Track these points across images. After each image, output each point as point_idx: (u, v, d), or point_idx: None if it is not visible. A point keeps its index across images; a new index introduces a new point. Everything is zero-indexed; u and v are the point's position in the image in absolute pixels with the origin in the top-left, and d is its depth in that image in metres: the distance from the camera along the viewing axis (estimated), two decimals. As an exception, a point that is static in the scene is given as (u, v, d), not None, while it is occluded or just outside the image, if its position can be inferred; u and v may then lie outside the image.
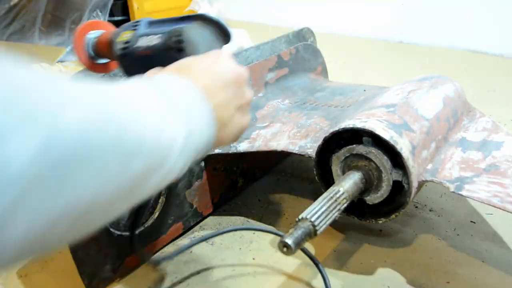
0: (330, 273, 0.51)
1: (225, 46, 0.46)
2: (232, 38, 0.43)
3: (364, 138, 0.50)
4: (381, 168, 0.50)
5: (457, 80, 0.68)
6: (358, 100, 0.67)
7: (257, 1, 2.08)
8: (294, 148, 0.57)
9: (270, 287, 0.50)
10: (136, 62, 0.44)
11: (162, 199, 0.55)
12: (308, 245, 0.56)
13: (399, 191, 0.52)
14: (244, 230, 0.58)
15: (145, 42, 0.43)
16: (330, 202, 0.45)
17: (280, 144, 0.58)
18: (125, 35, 0.45)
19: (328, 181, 0.56)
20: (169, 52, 0.42)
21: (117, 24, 0.48)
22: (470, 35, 1.55)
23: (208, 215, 0.63)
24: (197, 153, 0.35)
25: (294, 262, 0.54)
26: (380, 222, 0.53)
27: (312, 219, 0.42)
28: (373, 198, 0.52)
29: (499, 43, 1.49)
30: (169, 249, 0.57)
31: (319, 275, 0.51)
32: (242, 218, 0.63)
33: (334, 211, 0.45)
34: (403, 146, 0.48)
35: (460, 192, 0.47)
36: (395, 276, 0.51)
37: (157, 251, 0.56)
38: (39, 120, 0.20)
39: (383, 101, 0.57)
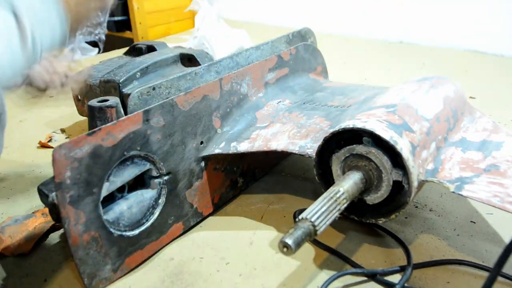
0: (330, 273, 0.51)
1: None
2: None
3: (364, 138, 0.50)
4: (381, 168, 0.50)
5: (457, 80, 0.68)
6: (358, 100, 0.67)
7: (257, 1, 2.08)
8: (294, 148, 0.57)
9: None
10: None
11: (162, 199, 0.55)
12: (307, 246, 0.56)
13: (399, 191, 0.52)
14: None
15: None
16: (330, 202, 0.45)
17: (280, 144, 0.58)
18: None
19: (328, 181, 0.56)
20: None
21: (118, 23, 0.48)
22: (470, 35, 1.55)
23: (208, 215, 0.63)
24: (51, 36, 0.45)
25: (294, 264, 0.54)
26: (380, 222, 0.54)
27: (312, 219, 0.42)
28: (373, 198, 0.52)
29: (499, 43, 1.49)
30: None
31: (319, 276, 0.51)
32: (242, 218, 0.63)
33: (334, 211, 0.45)
34: (403, 146, 0.48)
35: (460, 192, 0.47)
36: (395, 276, 0.51)
37: (157, 251, 0.56)
38: None
39: (383, 101, 0.57)
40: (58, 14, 0.46)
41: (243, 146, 0.59)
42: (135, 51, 0.93)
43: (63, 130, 0.94)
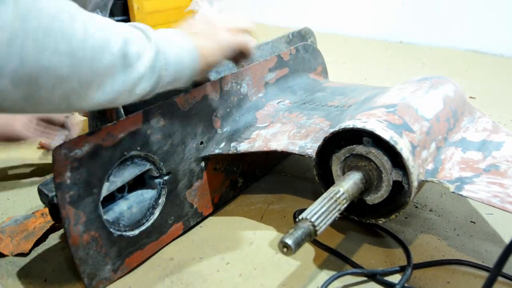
0: (330, 274, 0.51)
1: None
2: None
3: (364, 138, 0.50)
4: (381, 168, 0.50)
5: (457, 80, 0.68)
6: (358, 100, 0.67)
7: (257, 1, 2.08)
8: (294, 148, 0.57)
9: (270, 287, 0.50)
10: None
11: (162, 199, 0.55)
12: (307, 246, 0.56)
13: (399, 191, 0.52)
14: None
15: None
16: (330, 203, 0.45)
17: (280, 144, 0.58)
18: None
19: (328, 181, 0.56)
20: None
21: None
22: (470, 35, 1.55)
23: (208, 215, 0.63)
24: (177, 75, 0.46)
25: (294, 264, 0.54)
26: (380, 222, 0.54)
27: (312, 220, 0.42)
28: (373, 198, 0.52)
29: (499, 43, 1.49)
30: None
31: (320, 276, 0.51)
32: (242, 218, 0.63)
33: (334, 212, 0.45)
34: (403, 146, 0.48)
35: (460, 193, 0.47)
36: (395, 277, 0.51)
37: (157, 251, 0.56)
38: None
39: (383, 101, 0.57)
40: (190, 54, 0.48)
41: (243, 146, 0.59)
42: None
43: (63, 130, 0.93)
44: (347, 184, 0.48)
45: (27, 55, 0.32)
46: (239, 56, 0.59)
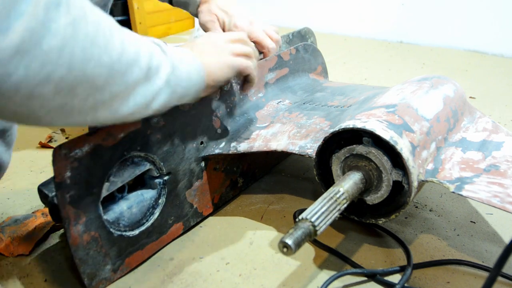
0: (330, 273, 0.51)
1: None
2: None
3: (364, 139, 0.50)
4: (381, 168, 0.50)
5: (457, 80, 0.68)
6: (358, 100, 0.67)
7: (257, 1, 2.08)
8: (294, 148, 0.57)
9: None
10: None
11: (162, 199, 0.55)
12: (307, 246, 0.56)
13: (399, 191, 0.52)
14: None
15: None
16: (330, 203, 0.45)
17: (280, 144, 0.58)
18: None
19: (328, 181, 0.57)
20: None
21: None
22: (470, 35, 1.55)
23: (208, 215, 0.63)
24: (186, 91, 0.47)
25: (294, 264, 0.54)
26: (380, 222, 0.54)
27: (312, 220, 0.42)
28: (373, 198, 0.52)
29: (499, 43, 1.49)
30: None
31: (320, 276, 0.51)
32: (242, 218, 0.63)
33: (334, 212, 0.45)
34: (403, 147, 0.48)
35: (460, 193, 0.47)
36: (395, 277, 0.51)
37: (157, 251, 0.56)
38: None
39: (383, 101, 0.57)
40: (197, 71, 0.49)
41: (243, 146, 0.59)
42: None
43: (63, 130, 0.94)
44: (347, 184, 0.48)
45: (74, 63, 0.32)
46: (243, 81, 0.62)
